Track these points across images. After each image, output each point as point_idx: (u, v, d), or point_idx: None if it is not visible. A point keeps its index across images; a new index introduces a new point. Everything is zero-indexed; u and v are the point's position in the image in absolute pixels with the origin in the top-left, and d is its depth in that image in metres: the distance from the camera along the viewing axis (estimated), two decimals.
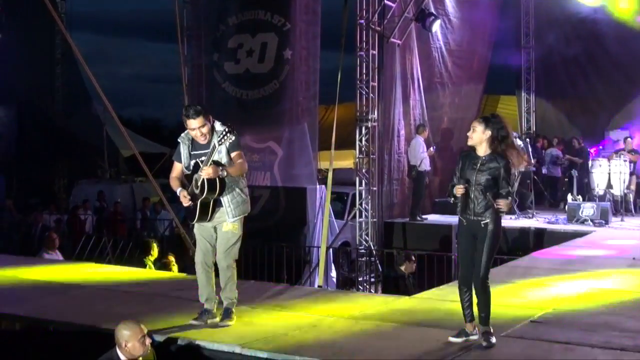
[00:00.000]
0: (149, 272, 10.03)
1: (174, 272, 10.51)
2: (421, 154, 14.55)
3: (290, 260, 13.34)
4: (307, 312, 7.03)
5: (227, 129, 6.05)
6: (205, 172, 6.00)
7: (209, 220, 6.32)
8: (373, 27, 14.47)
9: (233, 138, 6.05)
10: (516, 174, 5.50)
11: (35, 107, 24.26)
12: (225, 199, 6.25)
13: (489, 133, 5.79)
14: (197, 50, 16.49)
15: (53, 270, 9.67)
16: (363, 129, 14.56)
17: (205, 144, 6.23)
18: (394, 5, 14.78)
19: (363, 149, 14.56)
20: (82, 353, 6.22)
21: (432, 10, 15.75)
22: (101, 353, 5.48)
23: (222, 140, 5.98)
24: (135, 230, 18.02)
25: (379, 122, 14.69)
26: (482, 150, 5.84)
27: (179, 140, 6.43)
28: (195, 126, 6.17)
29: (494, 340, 5.71)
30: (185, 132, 6.36)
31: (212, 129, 6.25)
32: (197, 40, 16.46)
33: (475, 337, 5.87)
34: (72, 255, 14.37)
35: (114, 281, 8.86)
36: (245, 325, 6.47)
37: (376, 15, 14.49)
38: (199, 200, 6.17)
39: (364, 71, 14.50)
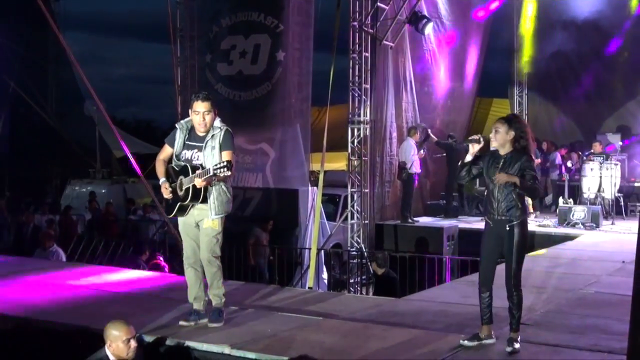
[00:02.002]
0: (139, 273, 10.01)
1: (165, 273, 10.51)
2: (412, 157, 14.57)
3: (281, 261, 13.37)
4: (296, 314, 7.03)
5: (225, 164, 5.93)
6: (198, 184, 6.05)
7: (186, 215, 6.36)
8: (366, 29, 14.50)
9: (228, 174, 5.98)
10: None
11: (28, 107, 24.21)
12: (211, 196, 6.26)
13: (512, 134, 5.76)
14: (190, 51, 16.47)
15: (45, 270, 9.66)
16: (355, 130, 14.57)
17: (201, 136, 6.28)
18: (386, 7, 14.82)
19: (355, 150, 14.58)
20: (72, 353, 6.22)
21: (425, 12, 15.79)
22: (91, 353, 5.48)
23: (218, 172, 5.92)
24: (127, 231, 17.97)
25: (371, 124, 14.71)
26: (505, 149, 5.80)
27: (176, 125, 6.47)
28: (201, 109, 6.23)
29: (517, 346, 5.63)
30: (186, 119, 6.42)
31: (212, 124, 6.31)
32: (190, 42, 16.46)
33: (489, 342, 5.82)
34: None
35: (104, 281, 8.85)
36: (235, 326, 6.49)
37: (369, 17, 14.51)
38: (179, 203, 6.26)
39: (357, 73, 14.51)
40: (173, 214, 6.38)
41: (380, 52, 15.03)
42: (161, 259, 11.60)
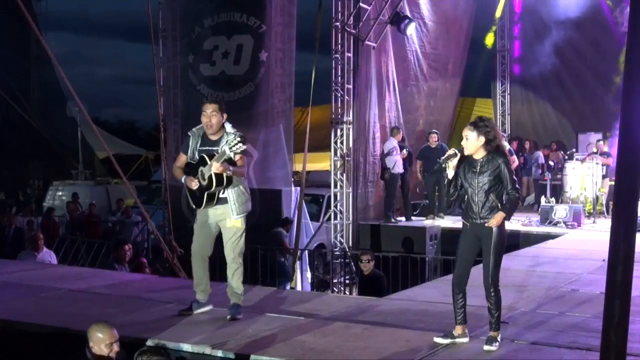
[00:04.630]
0: (121, 274, 9.99)
1: (146, 274, 10.49)
2: (394, 157, 14.60)
3: (265, 262, 13.35)
4: (278, 314, 7.05)
5: (239, 139, 6.30)
6: (215, 167, 6.30)
7: (214, 205, 6.61)
8: (348, 29, 14.53)
9: (244, 148, 6.36)
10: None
11: (9, 107, 24.09)
12: (231, 197, 6.59)
13: (482, 139, 5.75)
14: (173, 51, 16.43)
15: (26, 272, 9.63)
16: (338, 131, 14.60)
17: (214, 141, 6.54)
18: (369, 8, 14.85)
19: (338, 151, 14.60)
20: (53, 355, 6.21)
21: (407, 13, 15.86)
22: (72, 355, 5.48)
23: (234, 149, 6.25)
24: (110, 233, 17.91)
25: (354, 125, 14.74)
26: (479, 154, 5.81)
27: (189, 133, 6.75)
28: (208, 110, 6.50)
29: (497, 344, 5.71)
30: (198, 127, 6.67)
31: (223, 127, 6.57)
32: (173, 42, 16.41)
33: (462, 340, 5.88)
34: None
35: (85, 283, 8.82)
36: (217, 326, 6.49)
37: (351, 17, 14.55)
38: (206, 192, 6.49)
39: (339, 73, 14.55)
40: (204, 204, 6.57)
41: (363, 52, 15.05)
42: (144, 260, 11.57)
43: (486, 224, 5.74)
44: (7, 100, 23.72)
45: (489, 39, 20.20)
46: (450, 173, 5.86)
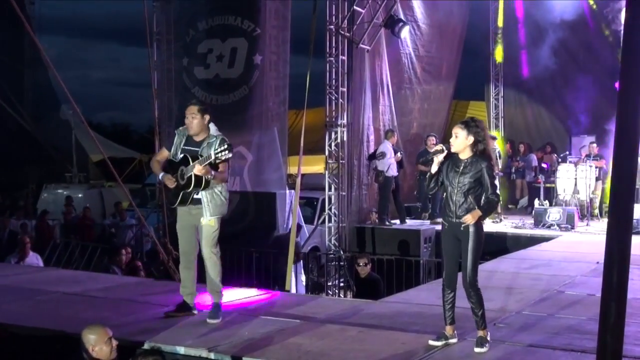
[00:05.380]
0: (116, 277, 9.99)
1: (141, 277, 10.49)
2: (388, 160, 14.62)
3: (259, 265, 13.36)
4: (274, 316, 7.06)
5: (225, 146, 6.41)
6: (197, 170, 6.43)
7: (189, 208, 6.77)
8: (342, 32, 14.55)
9: (229, 156, 6.47)
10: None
11: (3, 110, 24.00)
12: (204, 199, 6.67)
13: (471, 139, 5.81)
14: (167, 54, 16.44)
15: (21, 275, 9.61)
16: (333, 134, 14.62)
17: (198, 142, 6.70)
18: (363, 11, 14.87)
19: (333, 154, 14.62)
20: (49, 358, 6.21)
21: (401, 16, 15.87)
22: (68, 358, 5.48)
23: (219, 156, 6.36)
24: (104, 236, 17.89)
25: (348, 128, 14.76)
26: (465, 154, 5.86)
27: (175, 131, 6.97)
28: (189, 113, 6.69)
29: (487, 346, 5.76)
30: (184, 126, 6.82)
31: (207, 129, 6.73)
32: (167, 45, 16.41)
33: (455, 341, 5.95)
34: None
35: (80, 286, 8.82)
36: (213, 329, 6.51)
37: (345, 20, 14.56)
38: (182, 192, 6.63)
39: (334, 76, 14.55)
40: (177, 203, 6.75)
41: (357, 55, 15.07)
42: (139, 263, 11.58)
43: (461, 220, 5.78)
44: (0, 104, 23.63)
45: (498, 53, 20.25)
46: (434, 168, 5.93)
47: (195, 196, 6.68)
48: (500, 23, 20.37)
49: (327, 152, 14.70)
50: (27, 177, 24.38)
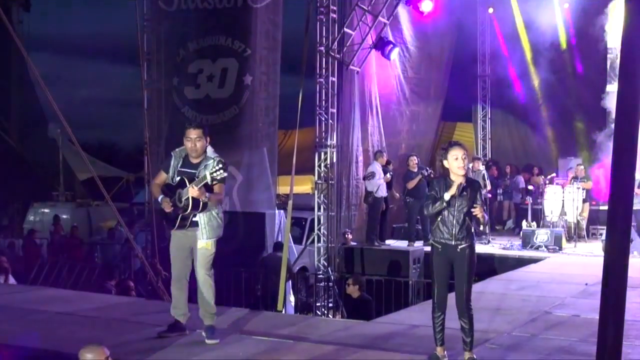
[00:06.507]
0: (107, 297, 9.96)
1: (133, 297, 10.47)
2: (377, 180, 14.69)
3: (248, 285, 13.34)
4: (267, 337, 7.07)
5: (220, 166, 6.39)
6: (192, 192, 6.41)
7: (186, 230, 6.74)
8: (333, 54, 14.65)
9: (225, 175, 6.44)
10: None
11: None
12: (202, 221, 6.68)
13: (466, 161, 5.93)
14: (157, 74, 16.46)
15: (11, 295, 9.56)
16: (322, 154, 14.67)
17: (195, 164, 6.68)
18: (353, 33, 15.00)
19: (322, 174, 14.67)
20: None
21: (391, 38, 16.01)
22: None
23: (214, 175, 6.33)
24: (91, 255, 17.82)
25: (337, 148, 14.82)
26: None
27: (172, 153, 6.89)
28: (193, 136, 6.64)
29: None
30: (180, 148, 6.81)
31: (205, 152, 6.72)
32: (157, 65, 16.44)
33: None
34: (27, 280, 14.19)
35: (72, 305, 8.79)
36: (207, 350, 6.50)
37: (336, 42, 14.68)
38: (180, 215, 6.61)
39: (324, 97, 14.64)
40: (176, 226, 6.73)
41: (347, 76, 15.18)
42: (131, 282, 11.56)
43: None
44: None
45: None
46: (447, 196, 5.84)
47: (193, 219, 6.67)
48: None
49: (316, 173, 14.74)
50: (13, 196, 24.25)
